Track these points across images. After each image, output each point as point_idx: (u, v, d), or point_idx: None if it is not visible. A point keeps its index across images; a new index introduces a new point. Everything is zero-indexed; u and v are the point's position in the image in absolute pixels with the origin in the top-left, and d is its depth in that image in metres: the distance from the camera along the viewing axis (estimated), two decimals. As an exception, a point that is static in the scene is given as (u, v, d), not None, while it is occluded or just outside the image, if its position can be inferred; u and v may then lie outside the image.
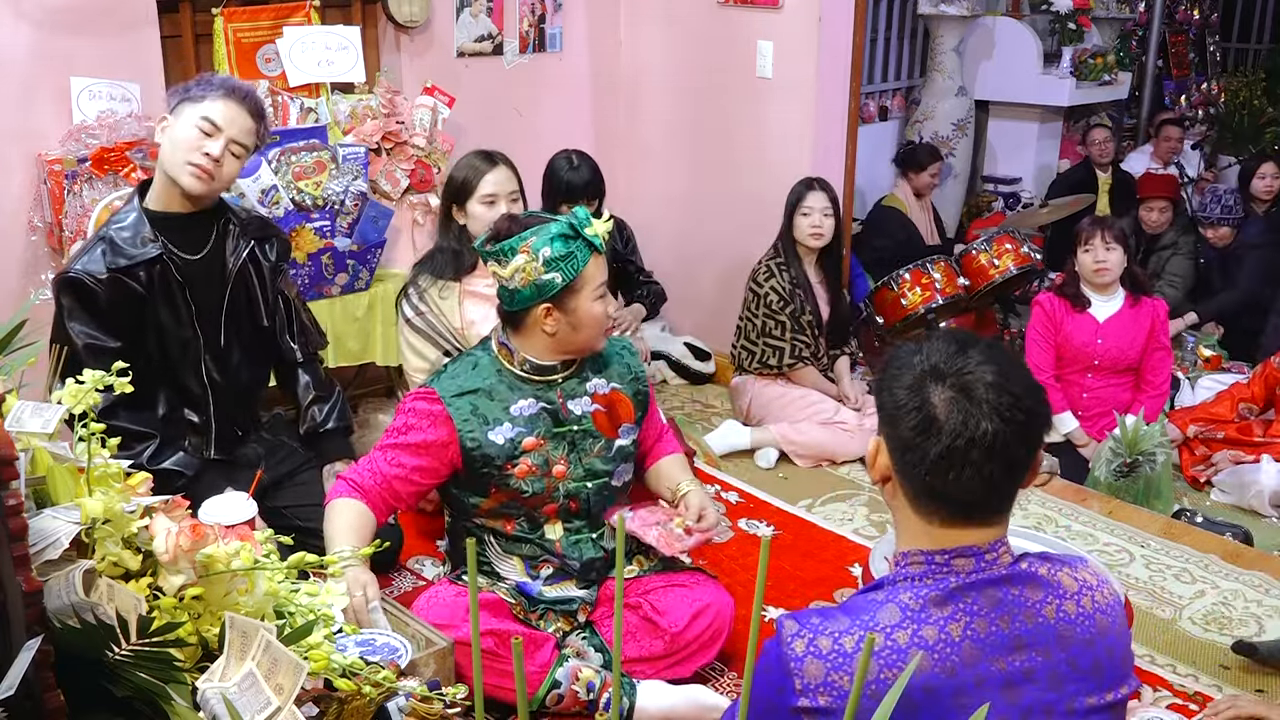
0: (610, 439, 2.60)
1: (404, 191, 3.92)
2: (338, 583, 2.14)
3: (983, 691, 1.39)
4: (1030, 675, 1.42)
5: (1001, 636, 1.41)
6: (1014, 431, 1.38)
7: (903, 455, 1.42)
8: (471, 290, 3.29)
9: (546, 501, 2.54)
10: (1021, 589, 1.44)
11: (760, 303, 4.12)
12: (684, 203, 4.88)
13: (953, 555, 1.43)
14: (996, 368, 1.40)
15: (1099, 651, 1.46)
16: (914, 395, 1.41)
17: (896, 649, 1.39)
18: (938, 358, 1.42)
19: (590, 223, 2.42)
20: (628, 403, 2.64)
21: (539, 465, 2.52)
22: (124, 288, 2.66)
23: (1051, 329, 4.15)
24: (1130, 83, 7.24)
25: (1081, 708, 1.44)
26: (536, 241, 2.39)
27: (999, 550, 1.44)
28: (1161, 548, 3.46)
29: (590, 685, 2.46)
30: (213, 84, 2.72)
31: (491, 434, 2.49)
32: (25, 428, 1.47)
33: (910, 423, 1.40)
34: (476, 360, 2.57)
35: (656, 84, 4.86)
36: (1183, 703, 2.67)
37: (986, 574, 1.43)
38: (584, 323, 2.47)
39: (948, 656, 1.39)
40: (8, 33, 3.33)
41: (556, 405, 2.54)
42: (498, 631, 2.42)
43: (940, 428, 1.38)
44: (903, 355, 1.46)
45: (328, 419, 3.04)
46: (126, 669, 1.30)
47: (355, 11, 4.05)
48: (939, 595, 1.42)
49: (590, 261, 2.42)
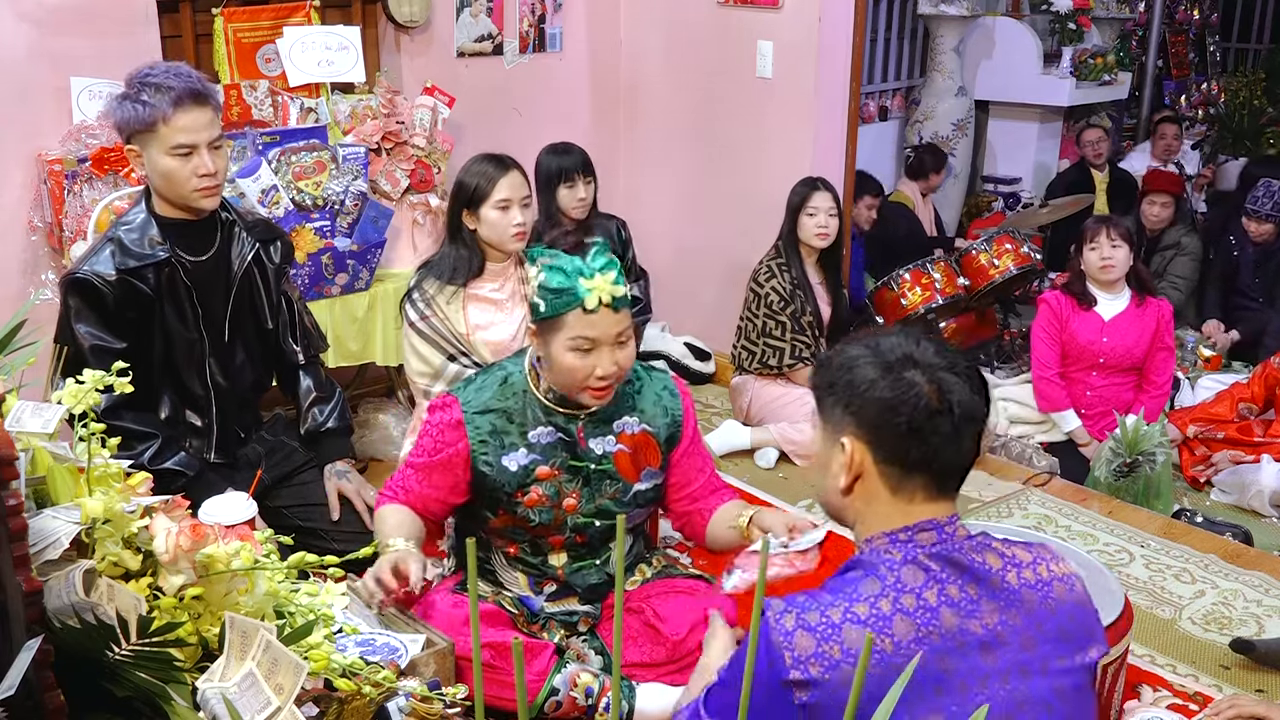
0: (630, 483, 2.49)
1: (404, 191, 3.91)
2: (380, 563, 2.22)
3: (964, 654, 1.47)
4: (1003, 638, 1.50)
5: (972, 601, 1.50)
6: (985, 399, 1.56)
7: (898, 444, 1.52)
8: (477, 295, 3.28)
9: (553, 533, 2.49)
10: (982, 557, 1.53)
11: (761, 303, 4.12)
12: (684, 203, 4.88)
13: (915, 530, 1.53)
14: (939, 347, 1.56)
15: (1062, 618, 1.54)
16: (905, 388, 1.51)
17: (881, 616, 1.46)
18: (898, 351, 1.54)
19: (593, 275, 2.27)
20: (655, 447, 2.49)
21: (550, 496, 2.44)
22: (132, 289, 2.65)
23: (1057, 327, 4.16)
24: (1130, 83, 7.25)
25: (1054, 668, 1.52)
26: (549, 264, 2.32)
27: (955, 523, 1.55)
28: (1161, 548, 3.46)
29: (589, 690, 2.46)
30: (147, 103, 2.54)
31: (505, 459, 2.41)
32: (25, 428, 1.47)
33: (909, 411, 1.50)
34: (508, 375, 2.47)
35: (656, 84, 4.86)
36: (1183, 703, 2.67)
37: (948, 545, 1.53)
38: (555, 366, 2.33)
39: (928, 621, 1.47)
40: (8, 33, 3.33)
41: (574, 439, 2.45)
42: (496, 644, 2.41)
43: (944, 407, 1.50)
44: (855, 364, 1.55)
45: (328, 419, 3.04)
46: (126, 669, 1.30)
47: (355, 11, 4.05)
48: (911, 566, 1.50)
49: (574, 311, 2.27)
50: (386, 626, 2.17)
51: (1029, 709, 1.49)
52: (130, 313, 2.66)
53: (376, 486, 3.18)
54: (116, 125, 2.63)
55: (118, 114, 2.61)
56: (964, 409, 1.50)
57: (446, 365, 3.27)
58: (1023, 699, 1.49)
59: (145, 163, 2.62)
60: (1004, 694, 1.48)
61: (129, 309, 2.66)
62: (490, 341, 3.30)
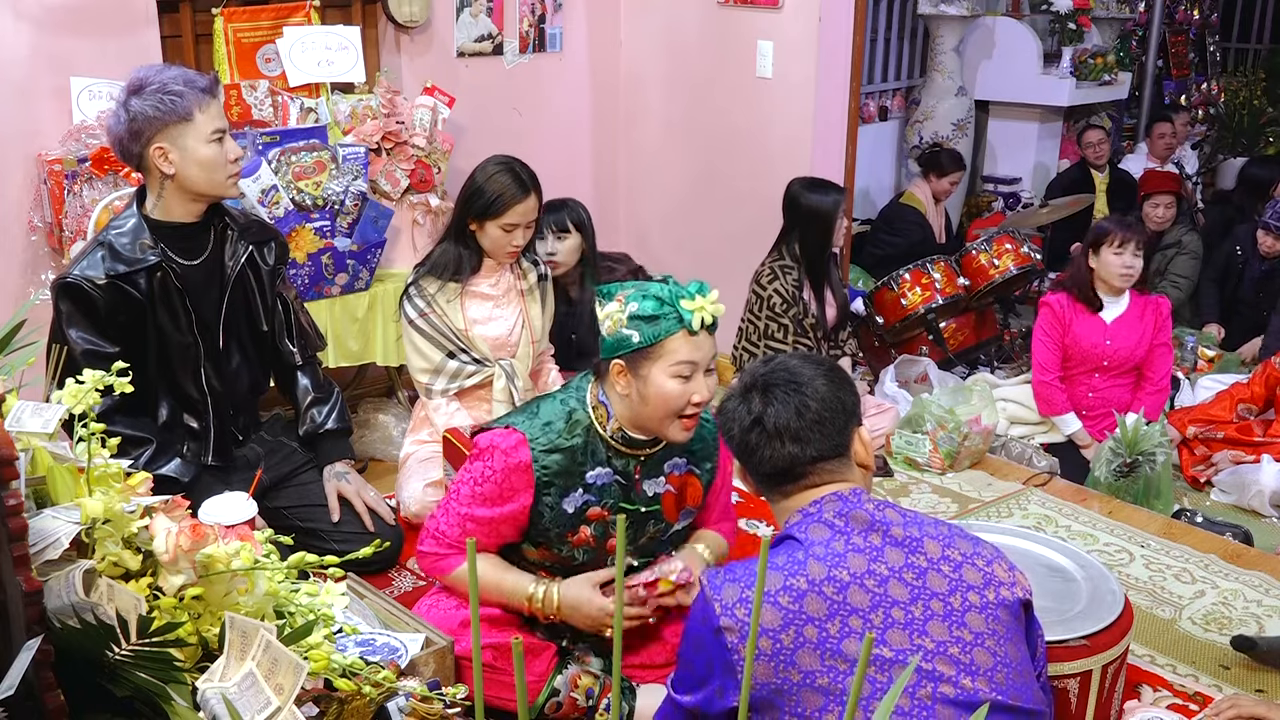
0: (670, 523, 2.47)
1: (404, 191, 3.91)
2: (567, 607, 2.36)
3: (874, 589, 1.69)
4: (910, 576, 1.72)
5: (876, 549, 1.73)
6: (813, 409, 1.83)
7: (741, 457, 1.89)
8: (474, 291, 3.30)
9: (590, 569, 2.44)
10: (883, 514, 1.77)
11: (763, 305, 4.10)
12: (684, 203, 4.88)
13: (821, 503, 1.77)
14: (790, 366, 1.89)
15: (970, 562, 1.76)
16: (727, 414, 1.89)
17: (796, 561, 1.71)
18: (749, 378, 1.89)
19: (694, 296, 2.21)
20: (699, 487, 2.47)
21: (597, 536, 2.39)
22: (123, 294, 2.64)
23: (1059, 329, 4.14)
24: (1130, 83, 7.24)
25: (972, 603, 1.72)
26: (633, 294, 2.24)
27: (860, 494, 1.79)
28: (1161, 548, 3.46)
29: (589, 692, 2.46)
30: (180, 93, 2.59)
31: (565, 502, 2.34)
32: (25, 428, 1.47)
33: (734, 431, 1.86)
34: (572, 411, 2.35)
35: (656, 84, 4.86)
36: (1183, 703, 2.67)
37: (851, 504, 1.77)
38: (652, 397, 2.23)
39: (837, 564, 1.70)
40: (8, 33, 3.33)
41: (631, 482, 2.39)
42: (497, 645, 2.41)
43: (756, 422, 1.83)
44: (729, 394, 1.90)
45: (327, 420, 3.03)
46: (126, 669, 1.30)
47: (355, 11, 4.05)
48: (819, 524, 1.75)
49: (676, 335, 2.20)
50: (386, 626, 2.17)
51: (946, 629, 1.69)
52: (121, 317, 2.65)
53: (376, 487, 3.19)
54: (139, 126, 2.59)
55: (144, 112, 2.57)
56: (776, 421, 1.79)
57: (446, 361, 3.28)
58: (939, 620, 1.69)
59: (177, 158, 2.61)
60: (920, 619, 1.68)
61: (120, 313, 2.64)
62: (488, 337, 3.31)
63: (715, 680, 1.70)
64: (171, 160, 2.61)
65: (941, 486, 3.85)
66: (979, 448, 3.99)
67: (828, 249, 4.07)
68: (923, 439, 3.94)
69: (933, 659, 1.67)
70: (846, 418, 1.82)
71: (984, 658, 1.69)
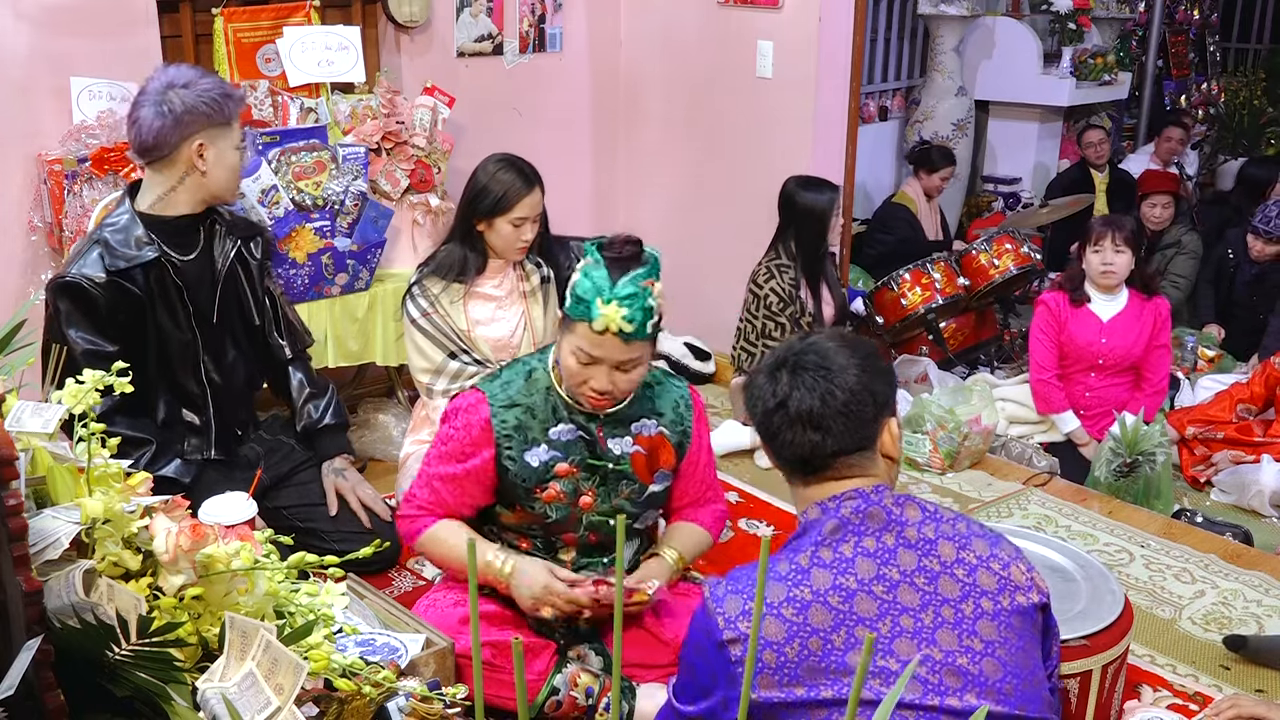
0: (644, 484, 2.50)
1: (404, 191, 3.91)
2: (516, 584, 2.36)
3: (883, 595, 1.65)
4: (923, 581, 1.67)
5: (888, 550, 1.68)
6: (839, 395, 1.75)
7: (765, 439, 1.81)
8: (477, 292, 3.29)
9: (567, 529, 2.49)
10: (903, 510, 1.72)
11: (760, 304, 4.10)
12: (684, 202, 4.88)
13: (841, 498, 1.72)
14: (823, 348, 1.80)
15: (986, 565, 1.71)
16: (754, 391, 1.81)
17: (799, 569, 1.67)
18: (780, 354, 1.82)
19: (610, 301, 2.23)
20: (670, 449, 2.52)
21: (567, 493, 2.44)
22: (122, 291, 2.64)
23: (1055, 328, 4.15)
24: (1130, 83, 7.25)
25: (985, 610, 1.67)
26: (586, 266, 2.29)
27: (882, 491, 1.73)
28: (1161, 548, 3.46)
29: (589, 690, 2.46)
30: (229, 99, 2.70)
31: (528, 455, 2.41)
32: (25, 428, 1.47)
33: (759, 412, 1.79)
34: (532, 370, 2.47)
35: (656, 84, 4.86)
36: (1183, 703, 2.67)
37: (869, 501, 1.71)
38: (561, 361, 2.36)
39: (845, 570, 1.66)
40: (8, 33, 3.33)
41: (594, 438, 2.45)
42: (496, 643, 2.41)
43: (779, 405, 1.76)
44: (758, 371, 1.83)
45: (324, 415, 3.04)
46: (126, 669, 1.30)
47: (355, 11, 4.05)
48: (833, 521, 1.70)
49: (584, 323, 2.25)
50: (386, 626, 2.17)
51: (955, 638, 1.65)
52: (121, 315, 2.65)
53: (376, 486, 3.19)
54: (187, 119, 2.62)
55: (196, 108, 2.63)
56: (799, 406, 1.71)
57: (448, 362, 3.28)
58: (950, 628, 1.66)
59: (212, 157, 2.67)
60: (929, 627, 1.65)
61: (120, 311, 2.64)
62: (490, 338, 3.31)
63: (720, 692, 1.69)
64: (206, 158, 2.66)
65: (941, 486, 3.85)
66: (979, 448, 3.99)
67: (823, 247, 4.07)
68: (923, 439, 3.94)
69: (940, 671, 1.64)
70: (877, 409, 1.75)
71: (992, 668, 1.66)
